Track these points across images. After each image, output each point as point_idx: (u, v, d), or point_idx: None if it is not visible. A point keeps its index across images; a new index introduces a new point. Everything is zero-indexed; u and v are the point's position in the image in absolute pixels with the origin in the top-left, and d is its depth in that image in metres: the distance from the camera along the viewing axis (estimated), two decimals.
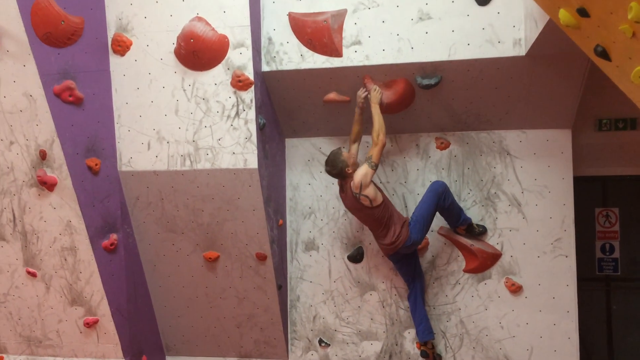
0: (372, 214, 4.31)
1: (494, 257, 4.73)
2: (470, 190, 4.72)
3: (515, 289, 4.71)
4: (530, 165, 4.63)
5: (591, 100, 4.58)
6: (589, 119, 4.73)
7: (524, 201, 4.66)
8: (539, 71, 4.19)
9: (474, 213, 4.72)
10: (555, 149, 4.59)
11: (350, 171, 4.27)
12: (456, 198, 4.69)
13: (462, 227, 4.64)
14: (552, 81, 4.26)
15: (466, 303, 4.82)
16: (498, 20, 4.07)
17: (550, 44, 3.77)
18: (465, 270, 4.79)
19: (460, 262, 4.79)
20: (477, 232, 4.67)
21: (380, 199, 4.27)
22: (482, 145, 4.69)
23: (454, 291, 4.83)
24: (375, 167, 4.20)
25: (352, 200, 4.30)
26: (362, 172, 4.19)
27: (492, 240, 4.72)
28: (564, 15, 2.62)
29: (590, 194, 5.10)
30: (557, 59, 4.09)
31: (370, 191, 4.22)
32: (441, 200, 4.43)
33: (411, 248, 4.45)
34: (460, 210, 4.60)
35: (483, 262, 4.73)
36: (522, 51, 4.06)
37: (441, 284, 4.85)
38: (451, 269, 4.82)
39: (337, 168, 4.28)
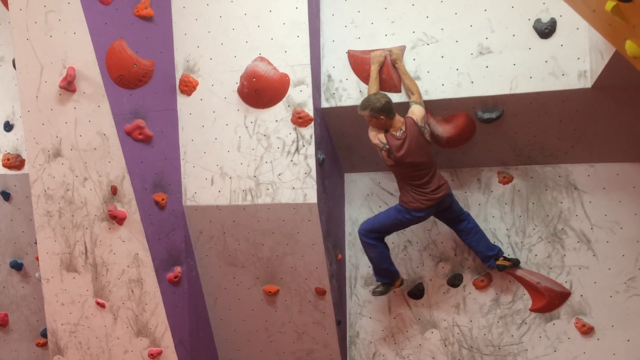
0: (429, 151, 4.20)
1: (562, 296, 4.53)
2: (536, 225, 4.57)
3: (587, 330, 4.48)
4: (599, 200, 4.45)
5: None
6: None
7: (593, 238, 4.46)
8: (606, 103, 4.06)
9: (540, 249, 4.56)
10: (626, 183, 4.39)
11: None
12: (521, 234, 4.57)
13: (501, 258, 4.47)
14: (620, 113, 4.11)
15: (533, 344, 4.61)
16: (561, 52, 3.99)
17: (618, 75, 3.65)
18: (532, 310, 4.61)
19: (526, 300, 4.61)
20: (515, 261, 4.53)
21: None
22: (547, 180, 4.55)
23: (519, 331, 4.65)
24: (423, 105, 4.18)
25: (418, 136, 4.10)
26: (419, 108, 4.14)
27: (561, 278, 4.53)
28: (631, 47, 2.55)
29: None
30: (626, 91, 3.95)
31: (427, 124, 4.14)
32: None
33: (449, 200, 4.32)
34: (487, 239, 4.48)
35: (551, 301, 4.54)
36: (587, 83, 3.95)
37: (506, 323, 4.67)
38: (516, 307, 4.64)
39: (389, 100, 4.09)
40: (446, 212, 4.41)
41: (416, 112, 4.13)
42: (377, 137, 4.16)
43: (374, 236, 4.41)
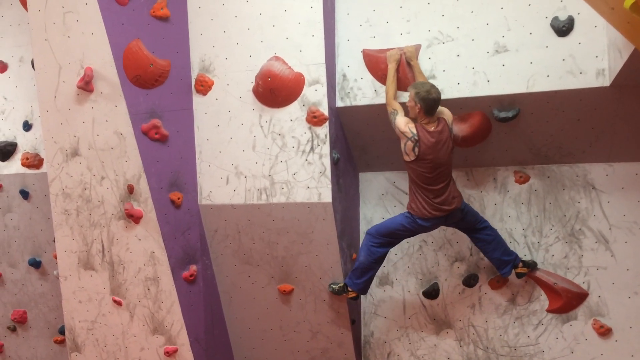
0: (451, 157, 4.12)
1: (579, 296, 4.48)
2: (553, 226, 4.52)
3: (604, 332, 4.43)
4: (618, 200, 4.39)
5: None
6: None
7: (612, 238, 4.40)
8: (625, 102, 4.01)
9: (557, 250, 4.51)
10: None
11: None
12: (537, 234, 4.52)
13: (519, 265, 4.43)
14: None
15: (550, 345, 4.57)
16: (579, 50, 3.95)
17: (637, 73, 3.61)
18: (549, 310, 4.56)
19: (543, 301, 4.57)
20: (532, 264, 4.49)
21: None
22: (564, 179, 4.50)
23: (536, 332, 4.60)
24: None
25: (447, 138, 4.04)
26: (447, 110, 4.12)
27: (578, 279, 4.48)
28: None
29: None
30: None
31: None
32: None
33: (459, 215, 4.22)
34: (505, 248, 4.42)
35: (568, 302, 4.49)
36: (606, 82, 3.90)
37: (522, 324, 4.63)
38: (533, 308, 4.60)
39: (438, 99, 4.01)
40: (457, 224, 4.35)
41: (446, 113, 4.10)
42: (407, 126, 4.02)
43: (380, 241, 4.35)
